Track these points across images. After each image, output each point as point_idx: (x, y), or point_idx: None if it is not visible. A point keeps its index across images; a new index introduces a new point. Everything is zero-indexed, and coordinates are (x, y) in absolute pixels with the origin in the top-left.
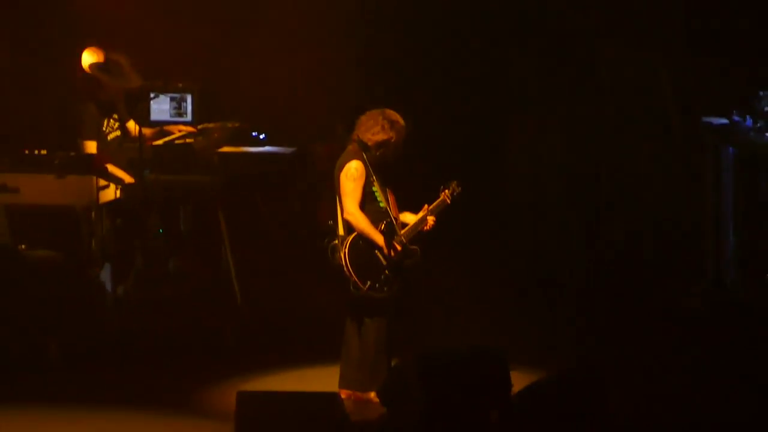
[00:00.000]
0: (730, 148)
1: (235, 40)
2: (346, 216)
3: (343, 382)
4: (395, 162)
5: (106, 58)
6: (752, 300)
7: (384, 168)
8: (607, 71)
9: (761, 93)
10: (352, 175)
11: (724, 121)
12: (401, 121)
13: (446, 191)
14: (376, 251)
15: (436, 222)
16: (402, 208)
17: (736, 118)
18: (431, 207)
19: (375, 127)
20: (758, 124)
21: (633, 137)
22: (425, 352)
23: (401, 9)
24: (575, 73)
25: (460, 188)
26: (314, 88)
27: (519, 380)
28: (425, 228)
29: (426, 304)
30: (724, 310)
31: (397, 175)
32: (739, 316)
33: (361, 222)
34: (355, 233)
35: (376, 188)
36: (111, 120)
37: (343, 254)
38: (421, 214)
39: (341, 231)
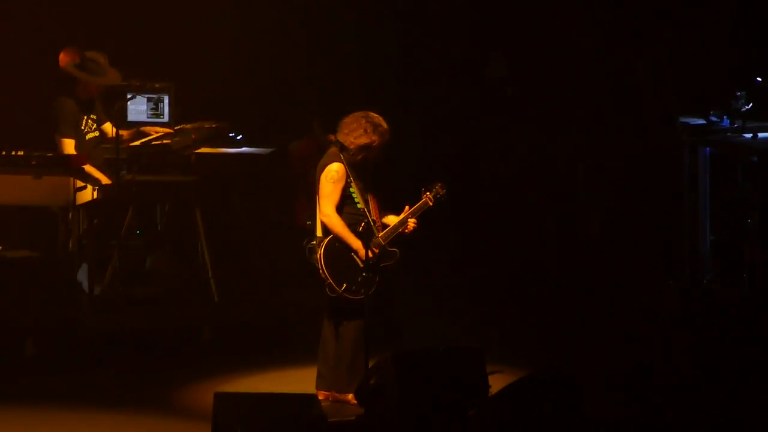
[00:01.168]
0: (707, 148)
1: (211, 41)
2: (322, 217)
3: (321, 383)
4: (376, 165)
5: (84, 57)
6: (729, 298)
7: (365, 171)
8: (584, 68)
9: (738, 93)
10: (332, 177)
11: (701, 121)
12: (384, 125)
13: (428, 193)
14: (353, 253)
15: (418, 224)
16: (385, 210)
17: (714, 118)
18: (412, 209)
19: (358, 130)
20: (735, 124)
21: (610, 135)
22: (402, 353)
23: (378, 8)
24: (552, 70)
25: (444, 190)
26: (292, 88)
27: (496, 379)
28: (406, 230)
29: (403, 304)
30: (701, 309)
31: (378, 177)
32: (716, 315)
33: (337, 225)
34: (332, 235)
35: (353, 189)
36: (89, 120)
37: (319, 256)
38: (401, 216)
39: (319, 232)
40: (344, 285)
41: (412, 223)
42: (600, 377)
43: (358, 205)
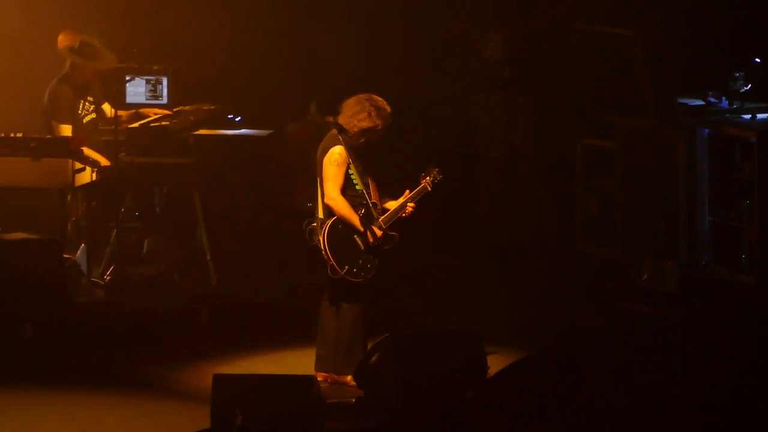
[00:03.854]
0: (705, 129)
1: (209, 23)
2: (327, 201)
3: (320, 365)
4: (375, 147)
5: (80, 41)
6: (727, 279)
7: (366, 154)
8: (582, 49)
9: (737, 74)
10: (335, 160)
11: (700, 102)
12: (387, 109)
13: (427, 178)
14: (355, 236)
15: (415, 209)
16: (382, 194)
17: (712, 99)
18: (412, 194)
19: (362, 113)
20: (734, 105)
21: (606, 116)
22: (401, 334)
23: None
24: (550, 50)
25: (441, 176)
26: (289, 70)
27: (494, 360)
28: (404, 214)
29: (401, 284)
30: (699, 290)
31: (376, 157)
32: (715, 296)
33: (342, 207)
34: (335, 217)
35: (352, 171)
36: (86, 103)
37: (322, 238)
38: (401, 200)
39: (320, 214)
40: (346, 267)
41: (410, 207)
42: (598, 358)
43: (357, 187)
